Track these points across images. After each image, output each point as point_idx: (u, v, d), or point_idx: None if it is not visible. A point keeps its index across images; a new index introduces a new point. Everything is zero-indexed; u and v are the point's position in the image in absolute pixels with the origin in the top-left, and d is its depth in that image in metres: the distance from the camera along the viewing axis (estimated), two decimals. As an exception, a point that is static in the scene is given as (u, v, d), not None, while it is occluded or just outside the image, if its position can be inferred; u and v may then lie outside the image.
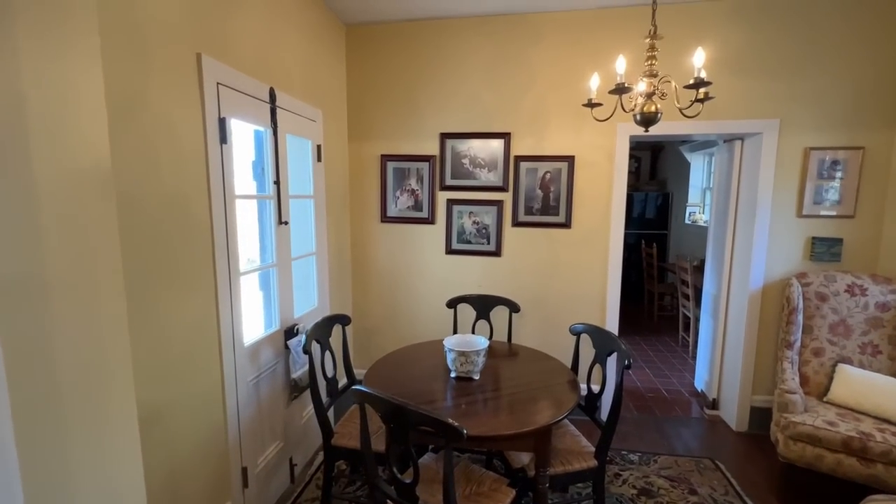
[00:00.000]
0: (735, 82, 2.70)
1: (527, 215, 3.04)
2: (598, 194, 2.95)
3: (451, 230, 3.14)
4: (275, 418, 2.25)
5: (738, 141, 2.97)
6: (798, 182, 2.72)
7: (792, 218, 2.75)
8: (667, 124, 2.78)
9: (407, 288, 3.25)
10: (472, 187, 3.08)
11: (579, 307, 3.05)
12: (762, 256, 2.80)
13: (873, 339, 2.45)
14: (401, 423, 1.35)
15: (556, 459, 1.87)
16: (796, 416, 2.21)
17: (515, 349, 2.44)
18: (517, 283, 3.11)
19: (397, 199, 3.18)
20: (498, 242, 3.09)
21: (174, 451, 1.59)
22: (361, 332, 3.36)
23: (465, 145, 3.05)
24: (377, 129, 3.15)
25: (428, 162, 3.10)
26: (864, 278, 2.51)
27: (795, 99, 2.66)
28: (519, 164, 3.00)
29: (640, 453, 2.68)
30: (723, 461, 2.61)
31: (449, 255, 3.17)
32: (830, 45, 2.60)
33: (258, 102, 2.04)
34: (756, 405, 2.91)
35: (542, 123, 2.95)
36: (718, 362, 3.19)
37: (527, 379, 2.04)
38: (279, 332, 2.27)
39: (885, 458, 1.99)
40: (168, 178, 1.54)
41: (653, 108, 1.72)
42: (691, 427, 3.02)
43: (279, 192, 2.22)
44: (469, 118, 3.03)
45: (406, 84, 3.08)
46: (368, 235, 3.26)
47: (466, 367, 1.96)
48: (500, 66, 2.96)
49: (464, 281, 3.17)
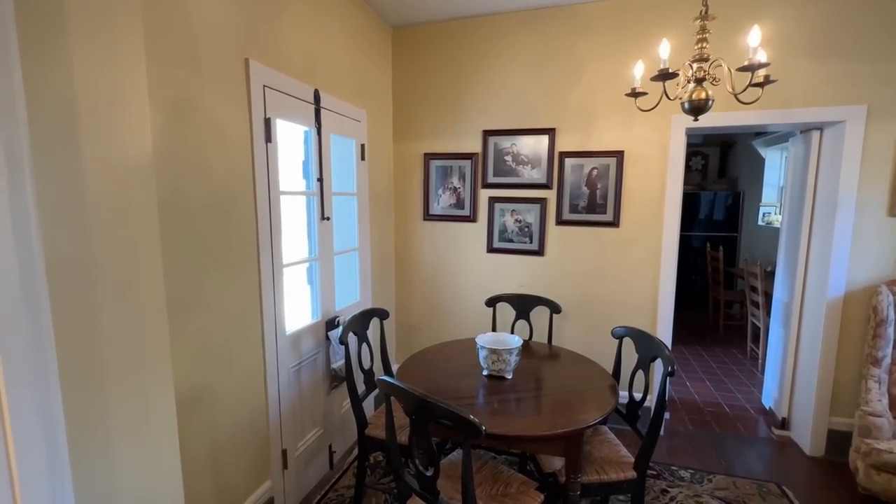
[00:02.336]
0: (809, 65, 2.42)
1: (571, 213, 2.93)
2: (651, 191, 2.77)
3: (492, 228, 3.10)
4: (315, 405, 2.34)
5: (817, 131, 2.66)
6: (890, 177, 2.38)
7: (882, 218, 2.41)
8: (729, 115, 2.55)
9: (448, 286, 3.26)
10: (514, 185, 3.02)
11: (628, 312, 2.89)
12: (844, 261, 2.48)
13: None
14: (422, 416, 1.35)
15: (591, 467, 1.78)
16: (881, 443, 1.93)
17: (555, 351, 2.36)
18: (560, 284, 3.00)
19: (440, 197, 3.20)
20: (541, 241, 3.00)
21: (217, 429, 1.71)
22: (403, 327, 3.42)
23: (507, 142, 3.00)
24: (421, 128, 3.20)
25: (470, 160, 3.09)
26: (976, 287, 2.14)
27: (886, 82, 2.33)
28: (564, 160, 2.90)
29: (692, 470, 2.47)
30: (791, 488, 2.34)
31: (490, 253, 3.13)
32: (934, 17, 2.25)
33: (303, 104, 2.14)
34: (834, 427, 2.58)
35: (589, 118, 2.83)
36: (790, 378, 2.86)
37: (563, 381, 1.96)
38: (320, 322, 2.37)
39: None
40: (217, 174, 1.66)
41: (703, 95, 1.58)
42: (756, 447, 2.74)
43: (322, 189, 2.32)
44: (512, 115, 2.98)
45: (449, 82, 3.09)
46: (411, 233, 3.31)
47: (498, 365, 1.93)
48: (546, 61, 2.88)
49: (505, 280, 3.11)
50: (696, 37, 1.58)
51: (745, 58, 1.45)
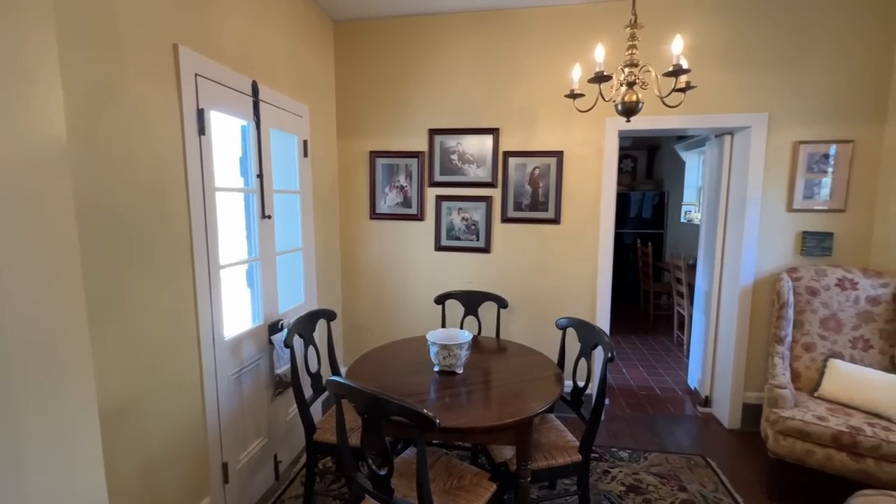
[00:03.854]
0: (723, 75, 2.69)
1: (516, 211, 3.02)
2: (588, 190, 2.93)
3: (440, 227, 3.12)
4: (258, 414, 2.22)
5: (728, 136, 2.95)
6: (788, 176, 2.70)
7: (782, 213, 2.73)
8: (654, 118, 2.77)
9: (396, 285, 3.23)
10: (461, 183, 3.07)
11: (569, 304, 3.03)
12: (752, 252, 2.78)
13: (864, 334, 2.42)
14: (375, 414, 1.33)
15: (540, 454, 1.85)
16: (786, 412, 2.18)
17: (503, 345, 2.42)
18: (507, 280, 3.09)
19: (386, 195, 3.16)
20: (487, 239, 3.07)
21: (148, 444, 1.57)
22: (351, 328, 3.34)
23: (453, 141, 3.04)
24: (366, 125, 3.15)
25: (417, 158, 3.09)
26: (855, 272, 2.49)
27: (784, 92, 2.65)
28: (508, 159, 2.98)
29: (630, 450, 2.64)
30: (714, 458, 2.57)
31: (438, 251, 3.15)
32: (819, 37, 2.58)
33: (240, 95, 2.03)
34: (748, 402, 2.88)
35: (530, 119, 2.94)
36: (711, 360, 3.16)
37: (511, 373, 2.01)
38: (262, 326, 2.25)
39: (875, 453, 1.96)
40: (144, 167, 1.53)
41: (634, 98, 1.70)
42: (684, 425, 2.99)
43: (262, 186, 2.21)
44: (457, 114, 3.03)
45: (395, 80, 3.07)
46: (358, 232, 3.25)
47: (449, 360, 1.94)
48: (489, 62, 2.95)
49: (453, 278, 3.15)
50: (627, 43, 1.70)
51: (669, 64, 1.58)
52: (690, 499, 2.21)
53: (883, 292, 2.41)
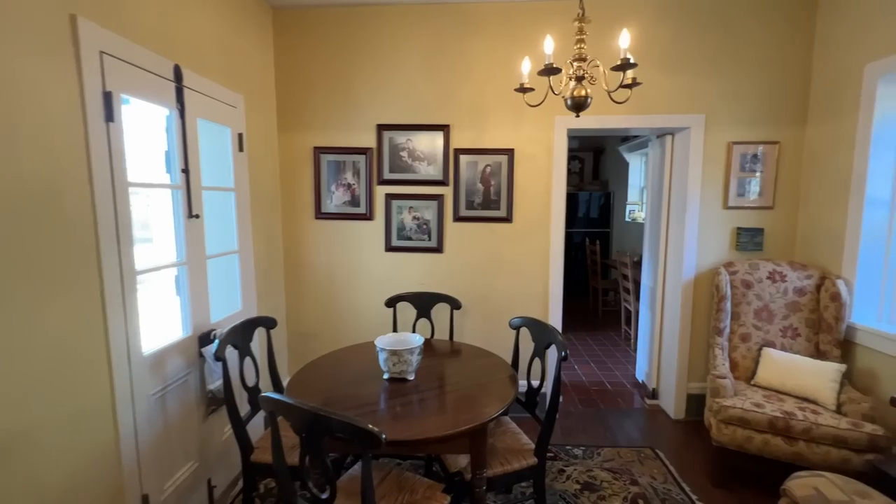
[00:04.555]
0: (664, 78, 2.78)
1: (468, 210, 2.96)
2: (539, 188, 2.93)
3: (390, 226, 3.00)
4: (188, 436, 2.00)
5: (669, 136, 3.06)
6: (723, 175, 2.84)
7: (719, 210, 2.86)
8: (601, 117, 2.81)
9: (345, 288, 3.07)
10: (411, 181, 2.96)
11: (523, 303, 3.01)
12: (693, 248, 2.89)
13: (793, 323, 2.58)
14: (314, 432, 1.19)
15: (495, 460, 1.78)
16: (727, 401, 2.27)
17: (457, 347, 2.35)
18: (460, 280, 3.02)
19: (332, 193, 3.00)
20: (439, 238, 2.99)
21: (45, 485, 1.33)
22: (297, 336, 3.13)
23: (403, 137, 2.93)
24: (310, 119, 2.96)
25: (364, 155, 2.95)
26: (784, 265, 2.65)
27: (718, 95, 2.78)
28: (459, 157, 2.92)
29: (583, 447, 2.66)
30: (662, 449, 2.64)
31: (389, 252, 3.03)
32: (748, 44, 2.73)
33: (159, 80, 1.81)
34: (692, 392, 2.99)
35: (481, 116, 2.90)
36: (657, 353, 3.26)
37: (464, 377, 1.94)
38: (191, 338, 2.03)
39: (805, 436, 2.08)
40: (30, 158, 1.29)
41: (583, 93, 1.68)
42: (633, 418, 3.06)
43: (188, 181, 1.98)
44: (407, 109, 2.92)
45: (341, 73, 2.91)
46: (302, 233, 3.05)
47: (400, 367, 1.83)
48: (438, 57, 2.87)
49: (405, 279, 3.03)
50: (576, 37, 1.68)
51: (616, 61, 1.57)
52: (642, 492, 2.24)
53: (808, 283, 2.58)
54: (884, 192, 2.36)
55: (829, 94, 2.61)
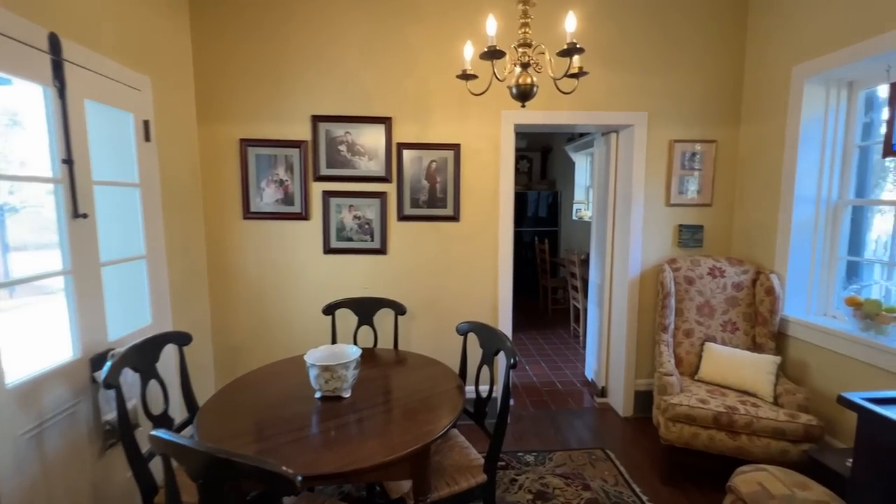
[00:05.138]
0: (609, 75, 2.76)
1: (413, 208, 2.79)
2: (486, 185, 2.82)
3: (328, 226, 2.76)
4: (76, 478, 1.67)
5: (614, 134, 3.06)
6: (666, 173, 2.87)
7: (662, 207, 2.89)
8: (548, 113, 2.75)
9: (279, 295, 2.79)
10: (351, 177, 2.74)
11: (472, 305, 2.89)
12: (638, 245, 2.91)
13: (732, 317, 2.64)
14: (214, 478, 0.97)
15: (442, 480, 1.63)
16: (674, 398, 2.26)
17: (401, 356, 2.17)
18: (406, 283, 2.84)
19: (263, 191, 2.71)
20: (383, 239, 2.79)
21: None
22: (224, 350, 2.81)
23: (341, 130, 2.70)
24: (235, 108, 2.66)
25: (298, 148, 2.69)
26: (722, 261, 2.71)
27: (660, 93, 2.80)
28: (402, 151, 2.74)
29: (535, 452, 2.57)
30: (612, 449, 2.62)
31: (328, 254, 2.79)
32: (683, 45, 2.78)
33: (26, 49, 1.48)
34: (639, 389, 3.01)
35: (425, 108, 2.74)
36: (605, 351, 3.26)
37: (407, 390, 1.77)
38: (82, 361, 1.70)
39: (747, 429, 2.10)
40: None
41: (528, 80, 1.57)
42: (583, 417, 3.03)
43: (73, 175, 1.66)
44: (345, 100, 2.70)
45: (270, 58, 2.64)
46: (229, 234, 2.74)
47: (333, 384, 1.63)
48: (379, 44, 2.68)
49: (346, 283, 2.81)
50: (520, 21, 1.56)
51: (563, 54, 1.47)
52: (594, 497, 2.18)
53: (744, 278, 2.65)
54: (811, 190, 2.46)
55: (760, 94, 2.70)
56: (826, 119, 2.41)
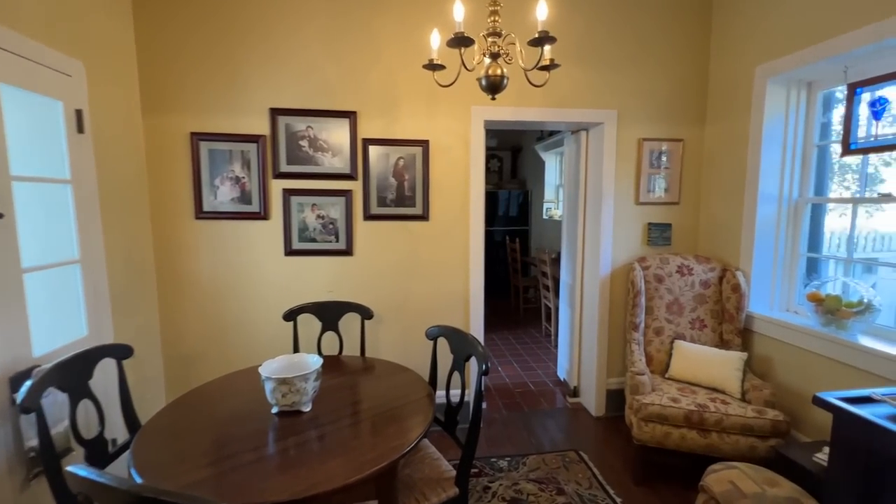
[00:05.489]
0: (578, 72, 2.73)
1: (380, 207, 2.67)
2: (456, 183, 2.73)
3: (290, 226, 2.60)
4: (-6, 515, 1.47)
5: (584, 132, 3.04)
6: (635, 171, 2.87)
7: (632, 206, 2.89)
8: (518, 109, 2.69)
9: (236, 300, 2.61)
10: (314, 175, 2.59)
11: (442, 308, 2.80)
12: (609, 244, 2.89)
13: (700, 315, 2.66)
14: (141, 519, 0.84)
15: (411, 497, 1.53)
16: (646, 398, 2.24)
17: (369, 363, 2.05)
18: (373, 286, 2.72)
19: (217, 189, 2.52)
20: (348, 239, 2.66)
21: None
22: (176, 360, 2.60)
23: (302, 124, 2.55)
24: (185, 100, 2.46)
25: (256, 143, 2.52)
26: (690, 259, 2.73)
27: (629, 92, 2.79)
28: (368, 147, 2.61)
29: (509, 457, 2.51)
30: (586, 450, 2.59)
31: (290, 256, 2.63)
32: (651, 44, 2.78)
33: (-78, 22, 1.28)
34: (611, 388, 3.00)
35: (392, 103, 2.62)
36: (577, 350, 3.24)
37: (374, 401, 1.65)
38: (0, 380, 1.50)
39: (717, 427, 2.11)
40: None
41: (498, 71, 1.49)
42: (556, 418, 3.00)
43: (-15, 168, 1.45)
44: (307, 92, 2.55)
45: (223, 45, 2.45)
46: (180, 236, 2.53)
47: (292, 397, 1.50)
48: (343, 35, 2.54)
49: (310, 287, 2.66)
50: (489, 9, 1.48)
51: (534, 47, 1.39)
52: (569, 502, 2.14)
53: (711, 276, 2.68)
54: (773, 188, 2.51)
55: (725, 94, 2.73)
56: (787, 119, 2.46)
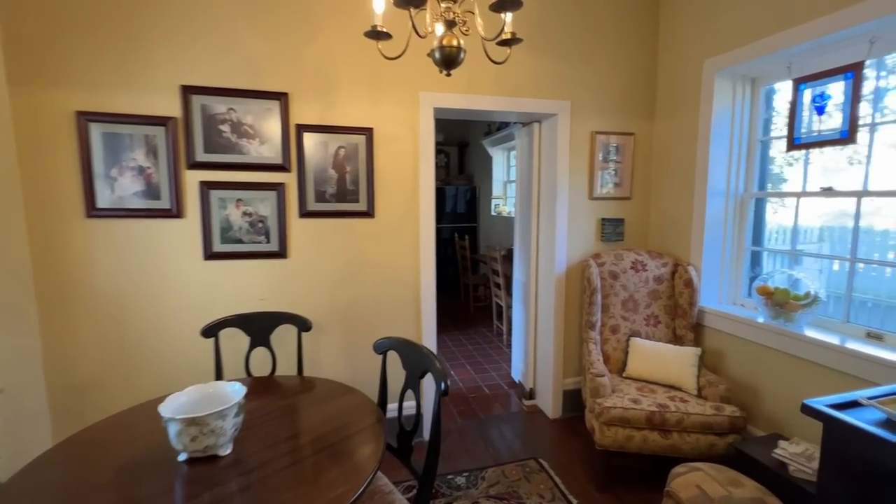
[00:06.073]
0: (531, 59, 2.59)
1: (319, 203, 2.37)
2: (404, 176, 2.49)
3: (209, 225, 2.23)
4: None
5: (537, 124, 2.92)
6: (588, 165, 2.79)
7: (586, 201, 2.82)
8: (471, 97, 2.50)
9: (143, 314, 2.19)
10: (238, 165, 2.24)
11: (392, 313, 2.55)
12: (564, 240, 2.80)
13: (654, 311, 2.64)
14: None
15: (359, 546, 1.28)
16: (608, 401, 2.15)
17: (308, 384, 1.77)
18: (312, 292, 2.41)
19: (115, 181, 2.09)
20: (282, 240, 2.33)
21: None
22: (64, 391, 2.13)
23: (222, 105, 2.18)
24: (70, 70, 2.00)
25: (164, 126, 2.12)
26: (644, 254, 2.70)
27: (581, 83, 2.70)
28: (303, 135, 2.30)
29: (466, 473, 2.33)
30: (546, 457, 2.47)
31: (210, 260, 2.25)
32: (601, 35, 2.71)
33: None
34: (567, 388, 2.92)
35: (330, 85, 2.32)
36: (532, 350, 3.14)
37: (314, 433, 1.39)
38: None
39: (678, 427, 2.06)
40: None
41: (454, 42, 1.27)
42: (513, 423, 2.86)
43: None
44: (227, 69, 2.18)
45: (124, 9, 2.02)
46: (66, 238, 2.07)
47: (204, 440, 1.19)
48: (272, 6, 2.20)
49: (237, 296, 2.30)
50: (443, -32, 1.26)
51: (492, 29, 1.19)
52: (533, 518, 1.99)
53: (664, 271, 2.66)
54: (721, 183, 2.52)
55: (674, 87, 2.72)
56: (734, 114, 2.47)
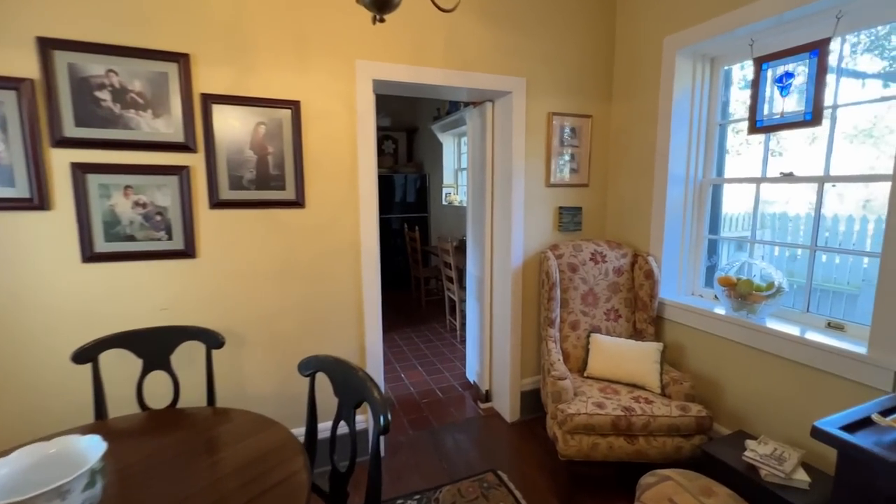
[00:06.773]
0: (484, 30, 2.31)
1: (234, 190, 1.97)
2: (340, 159, 2.14)
3: (88, 219, 1.77)
4: None
5: (489, 103, 2.66)
6: (545, 149, 2.58)
7: (542, 188, 2.61)
8: (416, 69, 2.19)
9: (1, 336, 1.71)
10: (125, 143, 1.78)
11: (330, 319, 2.21)
12: (520, 231, 2.58)
13: (614, 305, 2.49)
14: None
15: None
16: (571, 407, 1.97)
17: (219, 416, 1.41)
18: (228, 299, 2.01)
19: (-56, 161, 1.58)
20: (188, 235, 1.91)
21: None
22: None
23: (100, 66, 1.72)
24: None
25: (15, 91, 1.62)
26: (603, 245, 2.54)
27: (537, 58, 2.47)
28: (211, 107, 1.88)
29: (419, 494, 2.07)
30: (504, 468, 2.26)
31: (91, 263, 1.79)
32: (562, 10, 2.48)
33: None
34: (525, 389, 2.73)
35: (244, 46, 1.91)
36: (488, 349, 2.92)
37: (217, 494, 1.05)
38: None
39: (645, 431, 1.91)
40: None
41: (388, -26, 0.96)
42: (468, 431, 2.64)
43: None
44: (104, 17, 1.71)
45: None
46: None
47: (36, 529, 0.83)
48: (161, -58, 1.75)
49: (131, 306, 1.86)
50: None
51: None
52: (493, 545, 1.77)
53: (624, 262, 2.52)
54: (681, 169, 2.40)
55: (632, 66, 2.56)
56: (693, 95, 2.35)
